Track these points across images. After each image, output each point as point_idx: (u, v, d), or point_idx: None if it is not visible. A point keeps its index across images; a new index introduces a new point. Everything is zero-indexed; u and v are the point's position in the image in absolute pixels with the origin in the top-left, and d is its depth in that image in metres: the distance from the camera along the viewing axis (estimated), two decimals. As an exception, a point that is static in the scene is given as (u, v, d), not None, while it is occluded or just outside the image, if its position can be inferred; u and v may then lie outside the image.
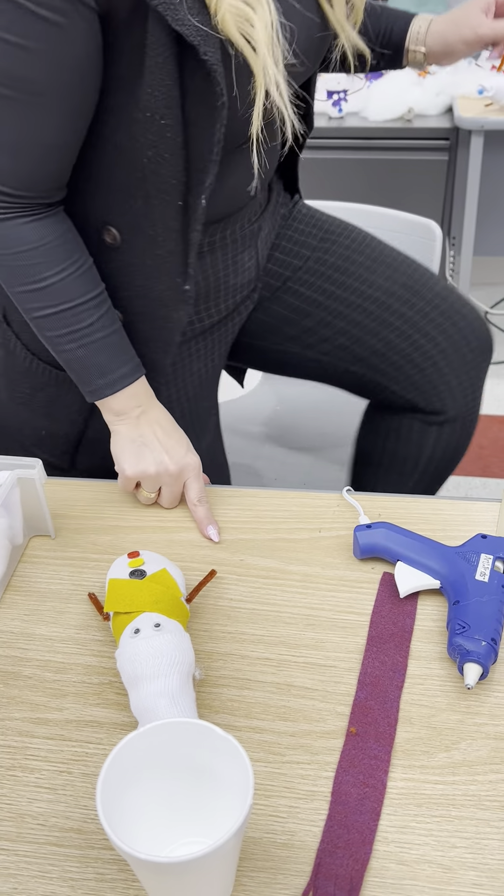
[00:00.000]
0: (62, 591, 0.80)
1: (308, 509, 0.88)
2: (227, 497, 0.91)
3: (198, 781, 0.56)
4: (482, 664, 0.67)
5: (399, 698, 0.68)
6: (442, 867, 0.57)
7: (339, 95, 2.42)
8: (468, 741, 0.64)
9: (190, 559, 0.83)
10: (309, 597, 0.78)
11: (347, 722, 0.66)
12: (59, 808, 0.62)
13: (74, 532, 0.87)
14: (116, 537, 0.86)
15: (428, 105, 2.42)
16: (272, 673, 0.71)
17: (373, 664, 0.71)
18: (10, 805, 0.62)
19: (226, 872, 0.52)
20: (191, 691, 0.65)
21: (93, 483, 0.94)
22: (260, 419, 1.48)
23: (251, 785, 0.49)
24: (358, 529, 0.80)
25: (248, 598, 0.78)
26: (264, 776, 0.63)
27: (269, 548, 0.84)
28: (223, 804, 0.55)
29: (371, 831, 0.59)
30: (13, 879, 0.57)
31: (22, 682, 0.71)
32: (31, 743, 0.66)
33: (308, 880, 0.56)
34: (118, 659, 0.68)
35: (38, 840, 0.60)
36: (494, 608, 0.71)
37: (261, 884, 0.57)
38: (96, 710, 0.69)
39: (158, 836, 0.56)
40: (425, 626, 0.74)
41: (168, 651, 0.66)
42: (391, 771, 0.63)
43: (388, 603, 0.76)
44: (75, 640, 0.75)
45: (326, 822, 0.60)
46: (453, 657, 0.69)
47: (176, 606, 0.71)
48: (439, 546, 0.78)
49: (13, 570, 0.82)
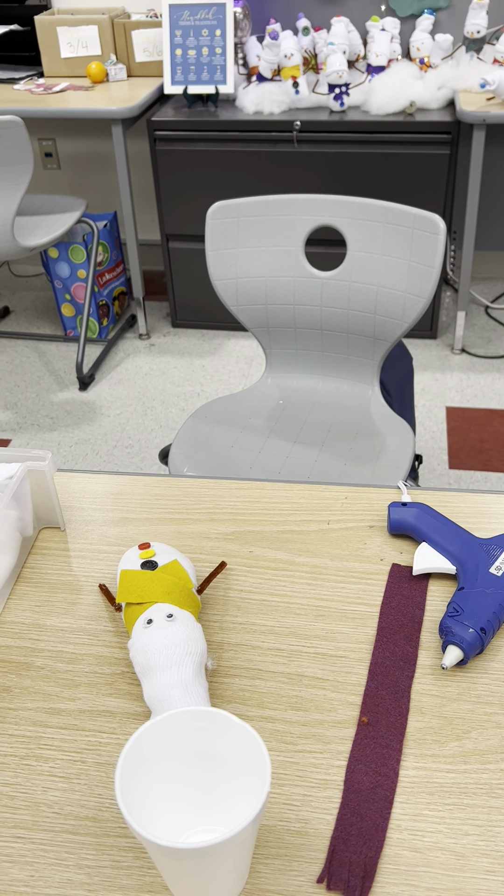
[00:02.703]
0: (73, 582, 0.80)
1: (316, 501, 0.88)
2: (234, 489, 0.91)
3: (211, 770, 0.56)
4: (464, 649, 0.68)
5: (410, 688, 0.68)
6: (455, 854, 0.57)
7: (340, 89, 2.42)
8: (479, 730, 0.65)
9: (199, 550, 0.83)
10: (318, 588, 0.78)
11: (359, 711, 0.67)
12: (73, 797, 0.62)
13: (84, 524, 0.87)
14: (126, 529, 0.86)
15: (430, 99, 2.42)
16: (283, 663, 0.71)
17: (383, 654, 0.71)
18: (25, 794, 0.62)
19: (242, 859, 0.52)
20: (203, 681, 0.66)
21: (103, 476, 0.94)
22: (265, 413, 1.49)
23: (268, 772, 0.50)
24: (392, 505, 0.83)
25: (258, 589, 0.79)
26: (277, 765, 0.63)
27: (278, 539, 0.84)
28: (237, 793, 0.56)
29: (384, 819, 0.59)
30: (30, 867, 0.58)
31: (34, 672, 0.72)
32: (44, 733, 0.67)
33: (322, 867, 0.57)
34: (131, 649, 0.68)
35: (53, 828, 0.60)
36: (494, 602, 0.72)
37: (275, 871, 0.57)
38: (109, 699, 0.69)
39: (172, 823, 0.57)
40: (435, 618, 0.75)
41: (181, 641, 0.66)
42: (403, 760, 0.63)
43: (397, 594, 0.77)
44: (86, 630, 0.75)
45: (340, 810, 0.60)
46: (440, 636, 0.71)
47: (188, 597, 0.72)
48: (466, 534, 0.79)
49: (24, 562, 0.83)
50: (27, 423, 2.51)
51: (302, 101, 2.50)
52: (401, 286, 1.38)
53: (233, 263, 1.47)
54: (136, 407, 2.55)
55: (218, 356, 2.78)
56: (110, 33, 2.66)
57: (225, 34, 2.53)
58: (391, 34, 2.51)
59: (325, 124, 2.42)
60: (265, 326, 1.52)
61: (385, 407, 1.48)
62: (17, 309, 3.17)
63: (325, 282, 1.44)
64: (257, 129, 2.47)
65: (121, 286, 2.98)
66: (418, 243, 1.34)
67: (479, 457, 2.24)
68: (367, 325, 1.44)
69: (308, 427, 1.45)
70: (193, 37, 2.55)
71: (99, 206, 3.27)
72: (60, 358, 2.84)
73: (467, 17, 2.44)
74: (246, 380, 2.65)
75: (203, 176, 2.59)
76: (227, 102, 2.63)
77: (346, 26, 2.51)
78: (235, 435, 1.43)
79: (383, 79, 2.43)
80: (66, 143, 3.14)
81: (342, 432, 1.42)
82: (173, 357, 2.79)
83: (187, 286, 2.83)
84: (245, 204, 1.43)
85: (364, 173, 2.49)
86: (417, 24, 2.55)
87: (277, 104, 2.48)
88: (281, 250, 1.45)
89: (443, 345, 2.76)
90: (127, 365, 2.77)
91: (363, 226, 1.39)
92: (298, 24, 2.59)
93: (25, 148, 2.15)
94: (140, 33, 2.66)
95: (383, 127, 2.39)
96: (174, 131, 2.52)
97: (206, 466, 1.35)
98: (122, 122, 2.48)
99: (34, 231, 2.45)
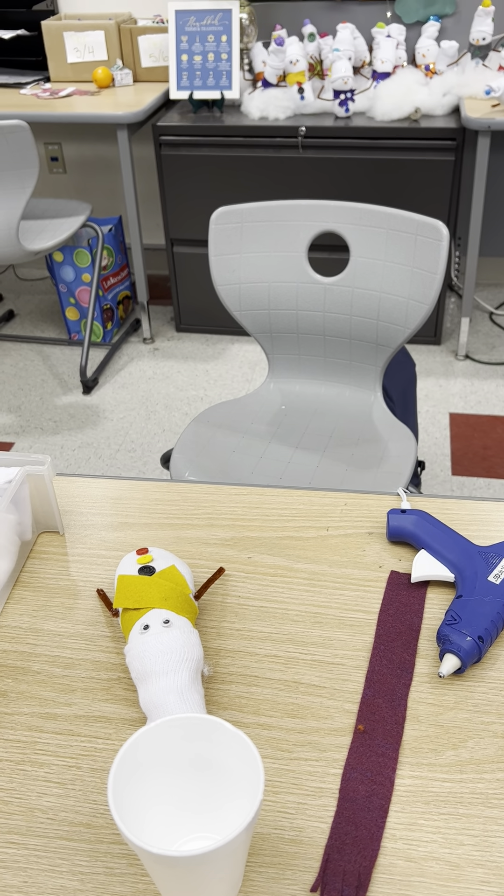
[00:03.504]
0: (71, 586, 0.80)
1: (316, 508, 0.88)
2: (233, 495, 0.91)
3: (206, 777, 0.56)
4: (461, 658, 0.68)
5: (407, 696, 0.68)
6: (449, 864, 0.57)
7: (345, 95, 2.42)
8: (476, 739, 0.65)
9: (198, 556, 0.83)
10: (316, 595, 0.78)
11: (355, 719, 0.67)
12: (68, 803, 0.62)
13: (83, 528, 0.87)
14: (125, 534, 0.86)
15: (435, 105, 2.42)
16: (280, 670, 0.71)
17: (380, 662, 0.71)
18: (19, 799, 0.62)
19: (235, 867, 0.52)
20: (199, 688, 0.65)
21: (102, 480, 0.94)
22: (267, 418, 1.49)
23: (262, 780, 0.50)
24: (392, 512, 0.83)
25: (256, 595, 0.78)
26: (272, 772, 0.63)
27: (277, 546, 0.84)
28: (231, 800, 0.56)
29: (379, 828, 0.59)
30: (23, 873, 0.58)
31: (31, 677, 0.72)
32: (40, 738, 0.67)
33: (316, 876, 0.57)
34: (127, 655, 0.68)
35: (47, 834, 0.60)
36: (493, 610, 0.71)
37: (269, 879, 0.57)
38: (105, 705, 0.69)
39: (166, 830, 0.57)
40: (433, 626, 0.75)
41: (177, 647, 0.66)
42: (399, 768, 0.63)
43: (395, 602, 0.77)
44: (84, 636, 0.75)
45: (334, 818, 0.60)
46: (438, 644, 0.71)
47: (185, 603, 0.72)
48: (465, 542, 0.79)
49: (22, 566, 0.83)
50: (30, 427, 2.51)
51: (307, 106, 2.50)
52: (404, 292, 1.38)
53: (236, 268, 1.47)
54: (139, 411, 2.55)
55: (221, 361, 2.78)
56: (117, 39, 2.67)
57: (231, 40, 2.54)
58: (397, 41, 2.52)
59: (330, 130, 2.42)
60: (268, 331, 1.52)
61: (387, 413, 1.47)
62: (22, 312, 3.17)
63: (329, 287, 1.44)
64: (262, 134, 2.47)
65: (125, 290, 2.99)
66: (422, 249, 1.34)
67: (482, 463, 2.24)
68: (370, 331, 1.44)
69: (310, 433, 1.45)
70: (199, 42, 2.56)
71: (104, 210, 3.28)
72: (64, 361, 2.84)
73: (473, 24, 2.44)
74: (249, 385, 2.65)
75: (208, 181, 2.59)
76: (232, 108, 2.63)
77: (352, 33, 2.52)
78: (237, 440, 1.43)
79: (388, 85, 2.43)
80: (71, 148, 3.15)
81: (344, 438, 1.42)
82: (177, 361, 2.79)
83: (191, 291, 2.83)
84: (249, 209, 1.44)
85: (369, 179, 2.49)
86: (423, 31, 2.55)
87: (283, 110, 2.48)
88: (284, 256, 1.45)
89: (447, 351, 2.76)
90: (130, 369, 2.77)
91: (366, 232, 1.39)
92: (304, 31, 2.59)
93: (31, 152, 2.16)
94: (146, 39, 2.67)
95: (388, 133, 2.39)
96: (179, 136, 2.53)
97: (207, 471, 1.35)
98: (128, 127, 2.48)
99: (39, 235, 2.46)
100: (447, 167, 2.41)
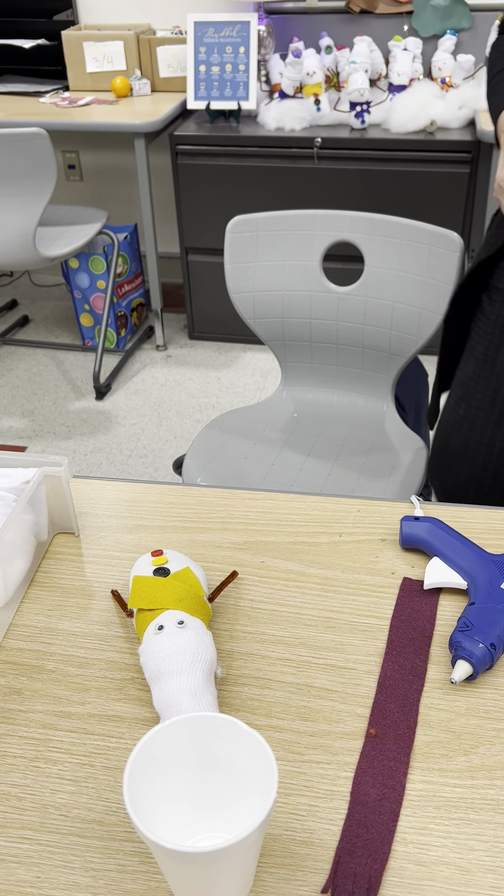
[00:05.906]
0: (86, 587, 0.81)
1: (329, 514, 0.89)
2: (247, 500, 0.91)
3: (218, 776, 0.57)
4: (473, 665, 0.68)
5: (419, 702, 0.68)
6: (460, 869, 0.57)
7: (361, 107, 2.44)
8: (487, 745, 0.65)
9: (211, 559, 0.84)
10: (329, 600, 0.79)
11: (367, 724, 0.67)
12: (81, 800, 0.62)
13: (98, 530, 0.88)
14: (139, 536, 0.87)
15: (450, 118, 2.44)
16: (292, 673, 0.71)
17: (392, 668, 0.71)
18: (33, 795, 0.63)
19: (248, 866, 0.52)
20: (212, 688, 0.66)
21: (117, 483, 0.95)
22: (279, 425, 1.50)
23: (275, 778, 0.50)
24: (405, 519, 0.83)
25: (269, 599, 0.79)
26: (284, 774, 0.64)
27: (290, 551, 0.84)
28: (242, 799, 0.56)
29: (390, 832, 0.59)
30: (36, 868, 0.58)
31: (45, 675, 0.72)
32: (54, 735, 0.67)
33: (327, 878, 0.57)
34: (141, 655, 0.69)
35: (60, 830, 0.60)
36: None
37: (280, 880, 0.57)
38: (118, 704, 0.69)
39: (178, 827, 0.57)
40: (446, 632, 0.75)
41: (191, 648, 0.67)
42: (410, 773, 0.63)
43: (408, 608, 0.77)
44: (98, 635, 0.76)
45: (346, 821, 0.60)
46: (450, 651, 0.71)
47: (199, 605, 0.72)
48: (478, 550, 0.79)
49: (38, 566, 0.84)
50: (43, 431, 2.53)
51: (323, 118, 2.52)
52: (417, 302, 1.38)
53: (251, 277, 1.48)
54: (151, 417, 2.57)
55: (234, 369, 2.79)
56: (135, 49, 2.70)
57: (248, 51, 2.56)
58: (413, 54, 2.53)
59: (346, 141, 2.43)
60: (281, 340, 1.53)
61: (399, 423, 1.48)
62: (37, 318, 3.20)
63: (342, 297, 1.45)
64: (278, 145, 2.49)
65: (139, 297, 3.01)
66: (435, 260, 1.35)
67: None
68: (383, 341, 1.45)
69: (322, 440, 1.45)
70: (217, 53, 2.58)
71: (120, 218, 3.30)
72: (78, 367, 2.86)
73: (489, 38, 2.45)
74: (261, 393, 2.66)
75: (223, 190, 2.61)
76: (248, 118, 2.65)
77: (369, 45, 2.53)
78: (249, 446, 1.43)
79: (404, 98, 2.45)
80: (89, 156, 3.17)
81: (356, 447, 1.43)
82: (189, 369, 2.81)
83: (205, 299, 2.85)
84: (264, 218, 1.45)
85: (384, 191, 2.50)
86: (439, 45, 2.57)
87: (299, 121, 2.50)
88: (299, 265, 1.46)
89: (459, 362, 2.76)
90: (143, 375, 2.79)
91: (380, 242, 1.40)
92: (321, 43, 2.61)
93: (49, 159, 2.19)
94: (165, 49, 2.69)
95: (404, 145, 2.40)
96: (196, 146, 2.55)
97: (219, 477, 1.36)
98: (145, 136, 2.51)
99: (55, 241, 2.48)
100: (462, 179, 2.42)
